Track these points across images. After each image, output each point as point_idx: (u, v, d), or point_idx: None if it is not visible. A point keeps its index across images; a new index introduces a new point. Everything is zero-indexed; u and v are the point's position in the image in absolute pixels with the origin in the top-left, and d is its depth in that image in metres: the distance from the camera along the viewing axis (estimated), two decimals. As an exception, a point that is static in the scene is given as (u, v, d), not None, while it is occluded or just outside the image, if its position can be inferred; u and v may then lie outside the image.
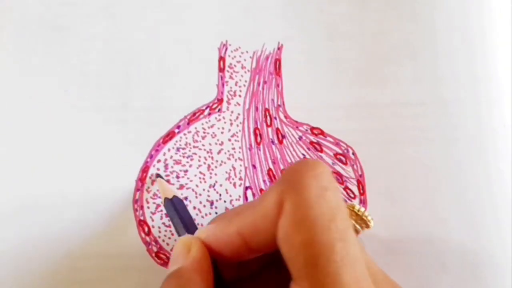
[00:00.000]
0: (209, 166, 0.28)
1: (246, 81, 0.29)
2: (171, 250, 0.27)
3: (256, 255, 0.21)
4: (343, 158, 0.28)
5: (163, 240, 0.27)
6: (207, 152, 0.28)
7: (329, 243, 0.18)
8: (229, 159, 0.28)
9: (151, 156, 0.28)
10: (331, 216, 0.18)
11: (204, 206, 0.28)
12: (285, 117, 0.29)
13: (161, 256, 0.27)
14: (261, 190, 0.28)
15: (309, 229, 0.18)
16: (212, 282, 0.21)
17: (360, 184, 0.28)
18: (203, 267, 0.21)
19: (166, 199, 0.26)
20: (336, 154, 0.28)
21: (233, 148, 0.29)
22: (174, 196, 0.26)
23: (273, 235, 0.19)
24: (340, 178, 0.28)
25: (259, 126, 0.29)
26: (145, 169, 0.28)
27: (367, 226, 0.23)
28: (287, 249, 0.19)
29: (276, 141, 0.29)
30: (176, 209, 0.25)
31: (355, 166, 0.28)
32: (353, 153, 0.28)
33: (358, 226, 0.23)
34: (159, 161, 0.28)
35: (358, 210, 0.23)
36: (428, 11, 0.29)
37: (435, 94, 0.28)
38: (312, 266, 0.18)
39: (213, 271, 0.21)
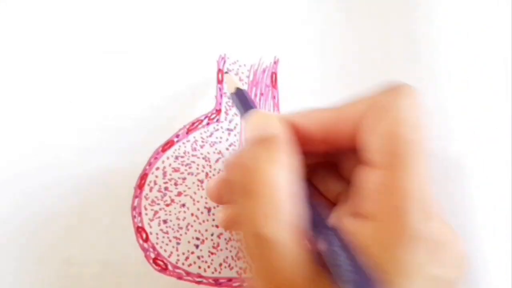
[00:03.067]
0: (207, 174, 0.29)
1: (243, 93, 0.30)
2: (168, 256, 0.27)
3: (327, 148, 0.22)
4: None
5: (161, 247, 0.28)
6: (205, 161, 0.29)
7: (414, 140, 0.19)
8: (226, 167, 0.29)
9: (150, 164, 0.29)
10: (420, 126, 0.19)
11: (202, 212, 0.28)
12: (281, 127, 0.30)
13: (159, 263, 0.27)
14: (258, 197, 0.29)
15: (398, 125, 0.19)
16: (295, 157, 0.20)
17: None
18: (288, 138, 0.21)
19: (231, 93, 0.27)
20: (331, 163, 0.29)
21: (231, 157, 0.29)
22: (237, 89, 0.26)
23: (355, 121, 0.21)
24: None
25: (256, 136, 0.30)
26: (143, 177, 0.29)
27: None
28: (370, 137, 0.20)
29: (272, 150, 0.29)
30: (241, 101, 0.26)
31: (349, 174, 0.29)
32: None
33: None
34: (157, 168, 0.29)
35: None
36: (428, 11, 0.31)
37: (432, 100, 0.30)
38: (394, 156, 0.19)
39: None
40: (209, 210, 0.28)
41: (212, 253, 0.28)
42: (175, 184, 0.29)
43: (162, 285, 0.27)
